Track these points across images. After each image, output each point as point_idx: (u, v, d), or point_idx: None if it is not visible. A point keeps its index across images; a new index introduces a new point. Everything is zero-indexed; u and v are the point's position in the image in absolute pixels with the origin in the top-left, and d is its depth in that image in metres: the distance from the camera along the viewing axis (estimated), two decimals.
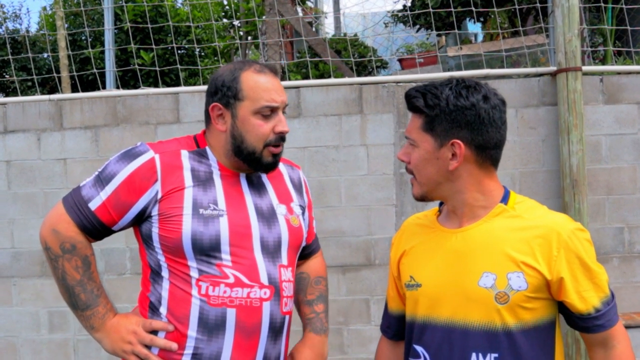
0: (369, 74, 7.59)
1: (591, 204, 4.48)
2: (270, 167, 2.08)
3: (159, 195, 1.96)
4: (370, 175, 4.55)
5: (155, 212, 1.97)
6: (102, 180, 1.99)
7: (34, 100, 4.76)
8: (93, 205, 1.97)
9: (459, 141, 1.73)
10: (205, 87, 4.67)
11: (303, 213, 2.24)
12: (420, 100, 1.75)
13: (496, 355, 1.70)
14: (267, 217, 2.06)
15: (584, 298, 1.71)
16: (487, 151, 1.76)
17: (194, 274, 1.95)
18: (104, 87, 5.07)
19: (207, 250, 1.94)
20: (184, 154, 2.04)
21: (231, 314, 1.94)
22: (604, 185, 4.55)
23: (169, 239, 1.95)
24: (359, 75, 7.01)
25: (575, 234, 1.71)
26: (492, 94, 1.79)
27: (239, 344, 1.95)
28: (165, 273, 1.99)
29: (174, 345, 1.95)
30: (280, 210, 2.12)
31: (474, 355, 1.71)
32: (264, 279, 1.98)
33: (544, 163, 4.55)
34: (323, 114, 4.59)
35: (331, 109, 4.59)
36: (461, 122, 1.72)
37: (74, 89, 5.35)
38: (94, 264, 2.03)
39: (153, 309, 2.01)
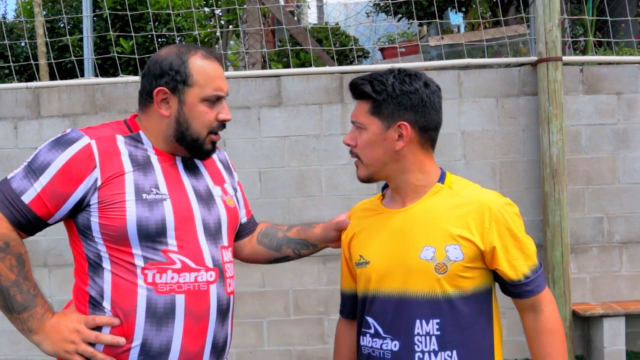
0: (350, 63, 7.56)
1: (571, 194, 4.50)
2: (208, 154, 2.07)
3: (99, 183, 1.87)
4: (350, 165, 4.51)
5: (94, 200, 1.87)
6: (34, 170, 1.85)
7: (10, 88, 4.70)
8: (27, 198, 1.84)
9: (405, 123, 1.87)
10: None
11: (235, 193, 2.25)
12: (368, 87, 1.89)
13: (438, 320, 1.85)
14: (206, 199, 2.04)
15: (514, 266, 1.87)
16: (429, 132, 1.92)
17: (139, 262, 1.87)
18: (82, 75, 5.01)
19: (153, 235, 1.88)
20: (119, 139, 1.95)
21: (180, 300, 1.89)
22: (584, 175, 4.58)
23: (111, 227, 1.87)
24: (340, 64, 6.98)
25: (504, 208, 1.87)
26: (430, 81, 1.93)
27: (189, 330, 1.91)
28: (106, 264, 1.90)
29: (121, 340, 1.86)
30: (216, 192, 2.10)
31: (418, 322, 1.86)
32: (209, 262, 1.95)
33: (524, 153, 4.56)
34: (304, 103, 4.57)
35: (312, 98, 4.57)
36: (406, 105, 1.87)
37: (52, 77, 5.28)
38: (27, 261, 1.89)
39: (94, 304, 1.91)
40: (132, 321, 1.87)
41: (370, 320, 1.96)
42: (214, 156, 2.20)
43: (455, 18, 8.56)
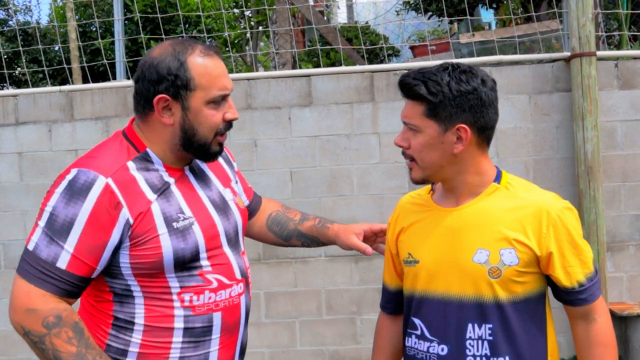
0: (381, 62, 7.55)
1: (607, 191, 4.43)
2: (216, 156, 1.96)
3: (131, 222, 1.75)
4: (382, 164, 4.52)
5: (127, 240, 1.77)
6: (57, 231, 1.70)
7: (44, 91, 4.76)
8: (62, 263, 1.69)
9: (465, 125, 1.78)
10: None
11: (236, 184, 2.19)
12: (423, 88, 1.78)
13: (490, 325, 1.80)
14: (222, 208, 1.98)
15: (569, 273, 1.80)
16: (487, 132, 1.84)
17: (175, 288, 1.82)
18: (114, 78, 5.06)
19: (188, 263, 1.82)
20: (131, 166, 1.81)
21: (217, 318, 1.88)
22: (620, 172, 4.49)
23: (145, 263, 1.78)
24: (370, 63, 6.97)
25: (563, 212, 1.80)
26: (486, 77, 1.84)
27: (223, 344, 1.92)
28: (137, 294, 1.82)
29: None
30: (228, 195, 2.03)
31: (470, 325, 1.81)
32: (238, 274, 1.94)
33: (558, 150, 4.49)
34: (334, 102, 4.56)
35: (342, 97, 4.56)
36: (465, 106, 1.78)
37: (85, 80, 5.34)
38: (85, 329, 1.75)
39: (120, 326, 1.84)
40: (169, 342, 1.83)
41: (417, 321, 1.92)
42: None
43: (486, 15, 8.48)
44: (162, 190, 1.83)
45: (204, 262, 1.86)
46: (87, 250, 1.71)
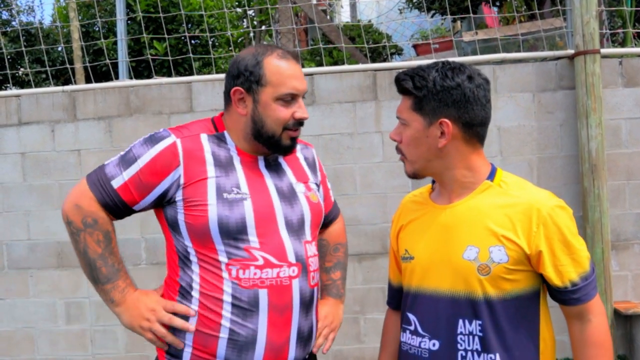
0: (384, 60, 7.53)
1: (611, 190, 4.41)
2: (289, 149, 2.14)
3: (182, 181, 2.01)
4: (385, 163, 4.50)
5: (179, 197, 2.01)
6: (125, 161, 2.04)
7: (47, 91, 4.76)
8: (115, 183, 2.02)
9: (446, 120, 1.82)
10: (218, 76, 4.68)
11: (318, 190, 2.33)
12: (409, 82, 1.86)
13: (480, 322, 1.82)
14: (289, 196, 2.12)
15: (561, 272, 1.80)
16: (474, 128, 1.86)
17: (223, 258, 1.99)
18: (117, 78, 5.05)
19: (234, 233, 1.98)
20: (204, 137, 2.08)
21: (263, 295, 1.99)
22: (624, 170, 4.48)
23: (195, 225, 2.00)
24: (373, 61, 6.96)
25: (554, 210, 1.80)
26: (476, 74, 1.87)
27: (273, 323, 2.00)
28: (194, 259, 2.04)
29: (191, 327, 2.00)
30: (300, 188, 2.18)
31: (460, 321, 1.84)
32: (292, 258, 2.04)
33: (562, 148, 4.48)
34: (337, 101, 4.55)
35: (345, 96, 4.55)
36: (448, 101, 1.82)
37: (88, 80, 5.34)
38: (114, 239, 2.08)
39: (184, 294, 2.05)
40: (219, 312, 1.99)
41: (411, 316, 1.95)
42: (300, 155, 2.30)
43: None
44: (224, 167, 2.06)
45: (252, 238, 2.00)
46: (137, 184, 2.02)
